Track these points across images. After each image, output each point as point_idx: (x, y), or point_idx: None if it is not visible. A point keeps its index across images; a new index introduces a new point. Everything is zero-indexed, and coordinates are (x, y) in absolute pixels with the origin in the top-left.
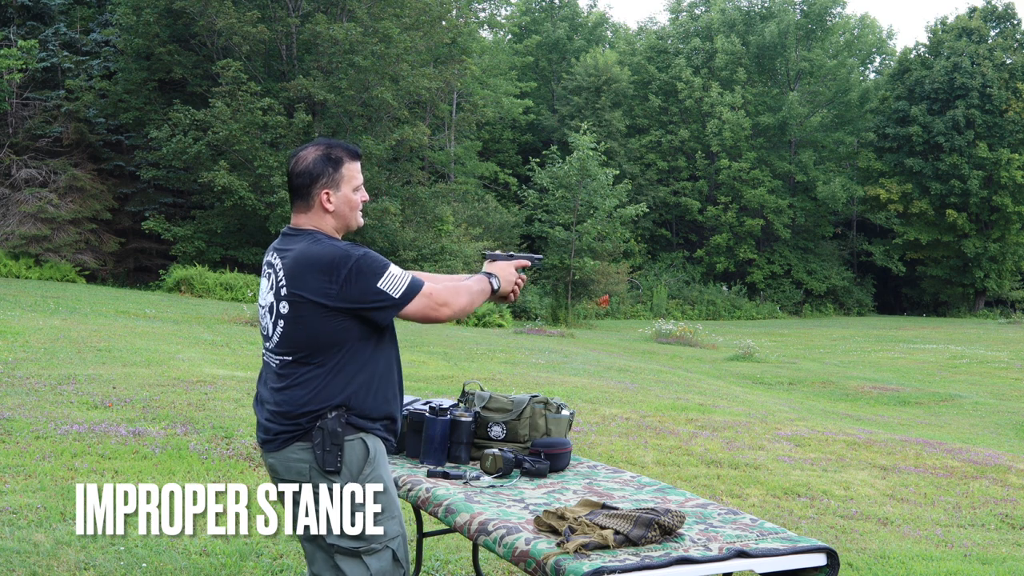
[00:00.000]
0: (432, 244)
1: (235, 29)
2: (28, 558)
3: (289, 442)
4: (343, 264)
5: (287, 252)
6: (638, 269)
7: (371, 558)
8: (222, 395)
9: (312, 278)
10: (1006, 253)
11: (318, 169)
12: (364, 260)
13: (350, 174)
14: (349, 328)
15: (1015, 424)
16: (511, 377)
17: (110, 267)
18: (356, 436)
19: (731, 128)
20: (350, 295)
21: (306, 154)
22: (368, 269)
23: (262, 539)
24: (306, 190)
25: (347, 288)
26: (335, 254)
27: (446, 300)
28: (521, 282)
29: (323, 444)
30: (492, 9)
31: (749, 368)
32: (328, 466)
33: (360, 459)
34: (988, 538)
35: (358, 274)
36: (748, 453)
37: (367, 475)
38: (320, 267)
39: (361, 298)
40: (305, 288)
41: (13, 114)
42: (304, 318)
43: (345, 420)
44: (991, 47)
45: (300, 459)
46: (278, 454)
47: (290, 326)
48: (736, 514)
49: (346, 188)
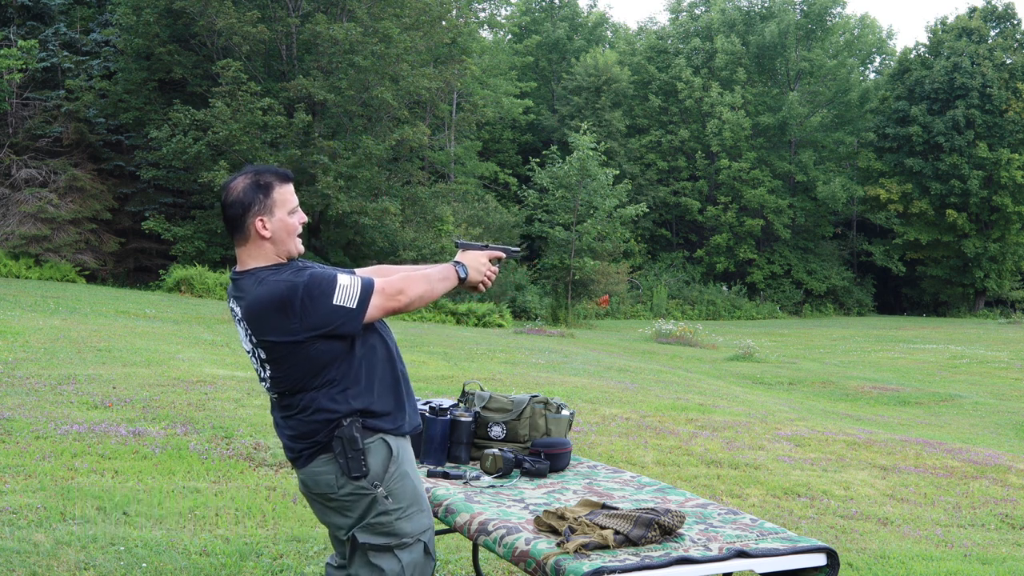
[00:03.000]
0: (432, 244)
1: (235, 29)
2: (28, 558)
3: (313, 457)
4: (293, 297)
5: (241, 299)
6: (638, 269)
7: (403, 552)
8: (222, 395)
9: (271, 321)
10: (1006, 253)
11: (248, 198)
12: (311, 284)
13: (282, 198)
14: (329, 349)
15: (1015, 424)
16: (511, 377)
17: (110, 267)
18: (376, 438)
19: (731, 128)
20: (312, 323)
21: (235, 184)
22: (318, 291)
23: (262, 539)
24: (239, 221)
25: (306, 318)
26: (281, 290)
27: (400, 288)
28: (492, 273)
29: (344, 452)
30: (492, 9)
31: (749, 368)
32: (354, 472)
33: (384, 459)
34: (988, 538)
35: (311, 301)
36: (748, 453)
37: (392, 473)
38: (273, 308)
39: (324, 322)
40: (270, 332)
41: (13, 114)
42: (284, 358)
43: (361, 424)
44: (991, 47)
45: (326, 471)
46: (305, 470)
47: (275, 367)
48: (736, 514)
49: (280, 212)
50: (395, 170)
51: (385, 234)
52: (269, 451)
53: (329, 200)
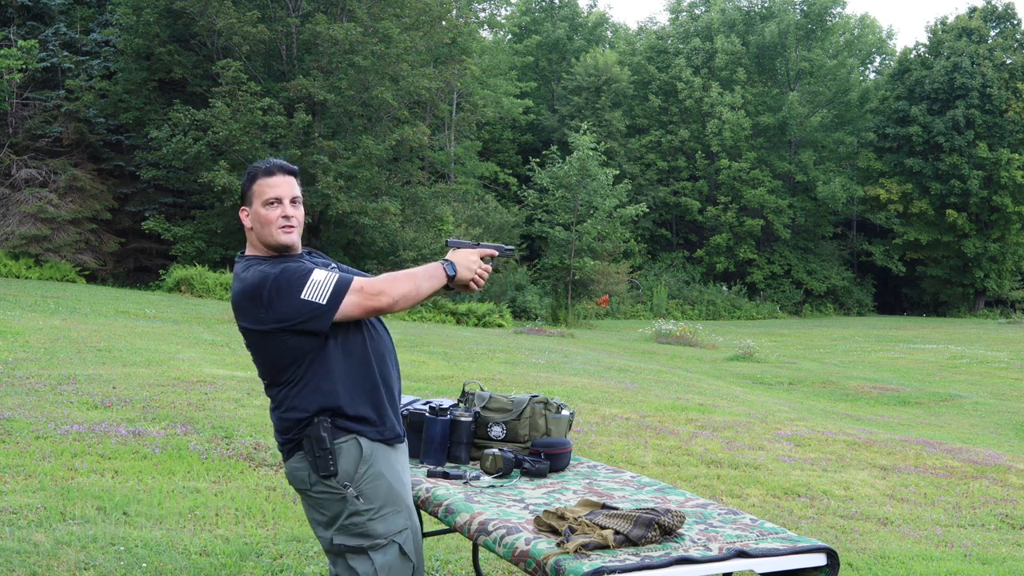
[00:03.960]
0: (432, 244)
1: (235, 29)
2: (28, 558)
3: (292, 452)
4: (262, 288)
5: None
6: (638, 269)
7: (376, 554)
8: (222, 395)
9: (245, 308)
10: (1006, 253)
11: (241, 189)
12: (281, 278)
13: (260, 189)
14: (298, 345)
15: (1015, 424)
16: (511, 377)
17: (110, 267)
18: (349, 438)
19: (731, 128)
20: (277, 315)
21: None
22: (286, 285)
23: (262, 539)
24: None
25: (272, 310)
26: (255, 280)
27: (381, 289)
28: (484, 271)
29: (313, 451)
30: (492, 9)
31: (749, 368)
32: (322, 471)
33: (355, 459)
34: (988, 538)
35: (278, 293)
36: (748, 453)
37: (363, 473)
38: (247, 296)
39: (289, 315)
40: (243, 319)
41: (13, 114)
42: (257, 346)
43: (330, 424)
44: (991, 47)
45: (300, 467)
46: (286, 464)
47: (252, 355)
48: (736, 514)
49: (256, 203)
50: (395, 170)
51: (385, 234)
52: (269, 451)
53: (329, 200)
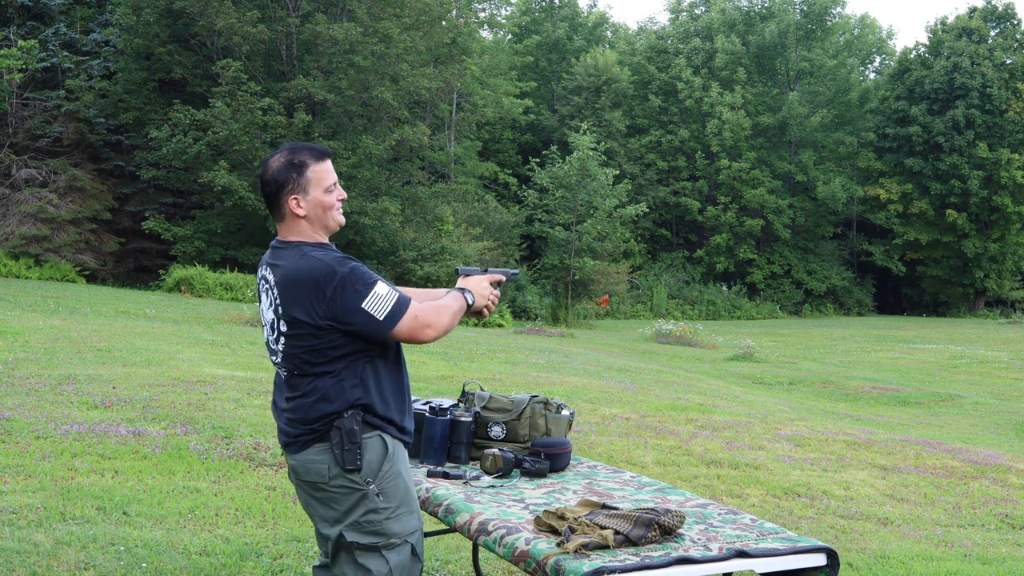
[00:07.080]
0: (432, 244)
1: (235, 29)
2: (28, 558)
3: (309, 444)
4: (328, 282)
5: (277, 267)
6: (638, 269)
7: (391, 553)
8: (222, 395)
9: (301, 296)
10: (1006, 253)
11: (283, 177)
12: (349, 278)
13: (317, 176)
14: (346, 343)
15: (1015, 424)
16: (511, 377)
17: (110, 267)
18: (374, 434)
19: (731, 128)
20: (334, 314)
21: (272, 162)
22: (352, 289)
23: (262, 539)
24: (275, 199)
25: (332, 307)
26: (321, 271)
27: (430, 322)
28: (495, 298)
29: (342, 443)
30: (492, 9)
31: (749, 368)
32: (348, 464)
33: (380, 456)
34: (988, 538)
35: (343, 292)
36: (748, 453)
37: (386, 471)
38: (308, 285)
39: (346, 319)
40: (296, 307)
41: (13, 114)
42: (302, 336)
43: (362, 419)
44: (991, 47)
45: (320, 460)
46: (299, 456)
47: (291, 343)
48: (736, 514)
49: (315, 191)
50: (395, 170)
51: (385, 234)
52: (269, 451)
53: None
